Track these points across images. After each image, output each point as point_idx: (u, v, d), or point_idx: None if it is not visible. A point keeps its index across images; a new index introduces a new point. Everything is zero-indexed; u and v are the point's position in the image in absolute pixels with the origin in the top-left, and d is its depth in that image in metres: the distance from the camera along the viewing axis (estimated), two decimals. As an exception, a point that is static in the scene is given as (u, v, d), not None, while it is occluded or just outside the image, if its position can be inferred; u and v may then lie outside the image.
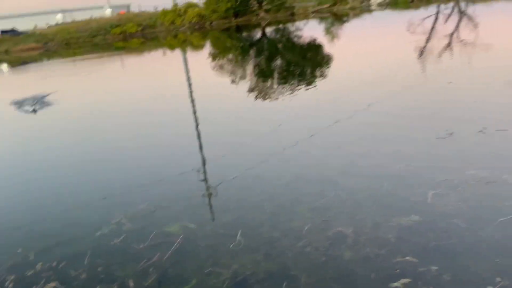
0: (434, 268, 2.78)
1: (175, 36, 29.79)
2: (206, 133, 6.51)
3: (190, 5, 34.60)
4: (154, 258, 3.29)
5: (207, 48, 21.73)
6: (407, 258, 2.92)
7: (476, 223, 3.20)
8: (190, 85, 11.56)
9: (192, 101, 9.31)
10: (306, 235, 3.38)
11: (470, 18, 18.15)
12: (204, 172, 4.99)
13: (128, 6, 50.51)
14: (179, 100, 9.50)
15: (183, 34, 30.31)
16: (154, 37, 31.17)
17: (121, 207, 4.22)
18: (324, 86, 8.68)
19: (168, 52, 21.75)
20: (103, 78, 15.66)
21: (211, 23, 33.03)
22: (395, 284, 2.69)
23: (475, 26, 15.49)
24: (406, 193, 3.79)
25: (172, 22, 34.06)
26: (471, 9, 22.13)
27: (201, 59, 17.24)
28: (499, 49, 10.06)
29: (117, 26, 35.30)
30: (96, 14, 45.17)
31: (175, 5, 35.42)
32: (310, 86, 8.73)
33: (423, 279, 2.70)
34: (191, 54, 19.78)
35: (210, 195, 4.37)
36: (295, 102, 7.62)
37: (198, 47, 22.65)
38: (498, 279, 2.60)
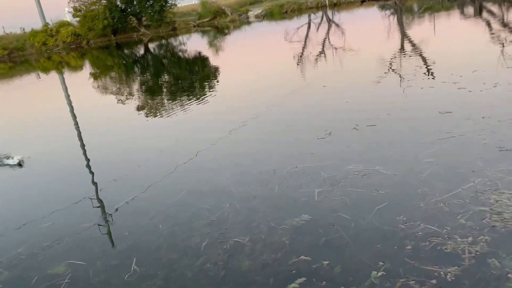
0: (325, 263, 2.94)
1: (49, 58, 27.55)
2: (95, 158, 6.12)
3: (63, 24, 32.24)
4: (38, 307, 2.96)
5: (87, 68, 20.50)
6: (301, 257, 3.05)
7: (358, 214, 3.47)
8: (72, 108, 10.78)
9: (76, 124, 8.68)
10: (205, 251, 3.34)
11: (338, 25, 19.94)
12: (93, 200, 4.67)
13: (-11, 29, 45.30)
14: (60, 125, 8.79)
15: (58, 55, 28.18)
16: (24, 60, 28.40)
17: (-5, 255, 3.73)
18: (214, 98, 8.75)
19: (43, 75, 20.00)
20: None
21: (88, 42, 31.24)
22: (292, 285, 2.79)
23: (343, 32, 17.06)
24: (295, 194, 3.97)
25: (44, 43, 31.43)
26: (337, 17, 24.34)
27: (81, 80, 16.20)
28: (364, 52, 11.21)
29: (-23, 51, 31.45)
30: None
31: (45, 24, 32.75)
32: (200, 99, 8.73)
33: (317, 275, 2.84)
34: (70, 76, 18.45)
35: (100, 225, 4.09)
36: (186, 117, 7.55)
37: (76, 67, 21.21)
38: (380, 263, 2.85)
